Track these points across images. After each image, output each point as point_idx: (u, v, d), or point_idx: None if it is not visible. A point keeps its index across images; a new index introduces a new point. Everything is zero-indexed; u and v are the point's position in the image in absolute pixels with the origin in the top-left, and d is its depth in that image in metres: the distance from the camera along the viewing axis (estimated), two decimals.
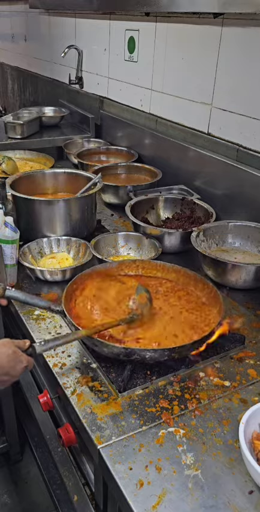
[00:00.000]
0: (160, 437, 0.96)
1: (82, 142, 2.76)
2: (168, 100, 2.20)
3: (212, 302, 1.29)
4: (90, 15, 2.77)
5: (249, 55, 1.68)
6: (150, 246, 1.65)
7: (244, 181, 1.74)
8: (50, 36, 3.46)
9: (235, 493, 0.85)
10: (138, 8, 2.06)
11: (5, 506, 2.09)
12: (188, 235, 1.60)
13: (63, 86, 3.31)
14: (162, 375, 1.12)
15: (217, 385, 1.11)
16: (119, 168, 2.31)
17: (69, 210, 1.69)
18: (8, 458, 2.24)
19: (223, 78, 1.83)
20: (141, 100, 2.42)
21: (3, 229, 1.44)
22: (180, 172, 2.12)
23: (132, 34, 2.38)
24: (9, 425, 2.12)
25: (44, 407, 1.34)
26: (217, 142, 1.91)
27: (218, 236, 1.67)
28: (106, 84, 2.75)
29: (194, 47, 1.96)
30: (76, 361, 1.17)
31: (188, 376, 1.13)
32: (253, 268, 1.44)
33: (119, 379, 1.09)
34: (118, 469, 0.89)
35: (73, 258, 1.61)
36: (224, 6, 1.57)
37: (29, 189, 1.80)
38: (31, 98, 4.11)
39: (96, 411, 1.02)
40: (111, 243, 1.68)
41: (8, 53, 4.52)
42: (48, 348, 1.08)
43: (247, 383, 1.12)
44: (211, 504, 0.83)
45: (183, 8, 1.80)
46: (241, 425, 0.89)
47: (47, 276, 1.48)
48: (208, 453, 0.93)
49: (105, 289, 1.36)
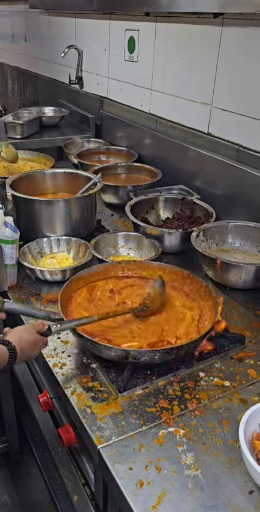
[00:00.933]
0: (160, 437, 0.96)
1: (82, 142, 2.76)
2: (168, 100, 2.20)
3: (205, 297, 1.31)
4: (90, 15, 2.77)
5: (249, 55, 1.68)
6: (150, 246, 1.65)
7: (244, 181, 1.74)
8: (50, 36, 3.46)
9: (235, 493, 0.85)
10: (138, 8, 2.06)
11: (5, 506, 2.09)
12: (188, 235, 1.60)
13: (63, 86, 3.31)
14: (162, 374, 1.12)
15: (217, 385, 1.11)
16: (119, 168, 2.31)
17: (69, 210, 1.69)
18: (8, 458, 2.24)
19: (223, 78, 1.83)
20: (141, 100, 2.42)
21: (3, 229, 1.44)
22: (180, 172, 2.12)
23: (132, 34, 2.38)
24: (9, 425, 2.12)
25: (44, 407, 1.34)
26: (217, 142, 1.91)
27: (218, 236, 1.67)
28: (106, 84, 2.75)
29: (194, 47, 1.96)
30: (76, 361, 1.17)
31: (188, 376, 1.13)
32: (253, 268, 1.44)
33: (119, 379, 1.09)
34: (118, 469, 0.89)
35: (74, 258, 1.61)
36: (224, 6, 1.57)
37: (29, 189, 1.79)
38: (31, 98, 4.11)
39: (96, 411, 1.02)
40: (111, 243, 1.68)
41: (8, 53, 4.52)
42: (63, 329, 1.13)
43: (247, 383, 1.12)
44: (211, 504, 0.83)
45: (183, 8, 1.79)
46: (241, 425, 0.89)
47: (46, 276, 1.48)
48: (208, 453, 0.93)
49: (98, 292, 1.37)
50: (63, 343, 1.24)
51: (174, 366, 1.14)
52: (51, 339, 1.24)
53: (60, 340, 1.24)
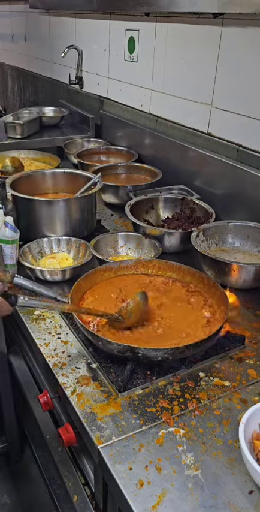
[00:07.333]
0: (160, 437, 0.96)
1: (82, 142, 2.76)
2: (168, 100, 2.20)
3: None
4: (90, 15, 2.77)
5: (249, 55, 1.68)
6: (150, 246, 1.65)
7: (244, 181, 1.74)
8: (50, 36, 3.46)
9: (235, 493, 0.85)
10: (138, 8, 2.06)
11: (5, 506, 2.09)
12: (188, 235, 1.60)
13: (63, 86, 3.31)
14: (162, 374, 1.12)
15: (217, 385, 1.11)
16: (119, 168, 2.31)
17: (69, 210, 1.69)
18: (8, 458, 2.24)
19: (223, 78, 1.83)
20: (141, 100, 2.42)
21: (3, 229, 1.44)
22: (179, 172, 2.12)
23: (132, 34, 2.38)
24: (9, 425, 2.11)
25: (44, 407, 1.34)
26: (217, 142, 1.91)
27: (218, 236, 1.67)
28: (106, 84, 2.75)
29: (194, 47, 1.96)
30: (76, 361, 1.17)
31: (188, 376, 1.13)
32: (253, 268, 1.44)
33: (119, 379, 1.09)
34: (118, 469, 0.89)
35: (74, 258, 1.61)
36: (224, 6, 1.58)
37: (29, 189, 1.80)
38: (31, 98, 4.11)
39: (96, 411, 1.02)
40: (110, 243, 1.68)
41: (8, 53, 4.52)
42: (30, 305, 1.11)
43: (247, 383, 1.12)
44: (211, 504, 0.83)
45: (183, 8, 1.80)
46: (241, 425, 0.89)
47: (46, 276, 1.48)
48: (208, 453, 0.93)
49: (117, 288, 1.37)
50: (63, 343, 1.24)
51: (174, 366, 1.14)
52: (51, 339, 1.25)
53: (60, 340, 1.24)
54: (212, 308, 1.29)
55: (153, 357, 1.08)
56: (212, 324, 1.23)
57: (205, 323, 1.24)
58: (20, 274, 1.50)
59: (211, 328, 1.20)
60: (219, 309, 1.27)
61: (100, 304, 1.30)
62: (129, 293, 1.34)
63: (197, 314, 1.28)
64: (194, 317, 1.26)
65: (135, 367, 1.12)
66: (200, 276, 1.38)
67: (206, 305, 1.31)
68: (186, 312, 1.29)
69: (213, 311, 1.28)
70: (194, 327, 1.22)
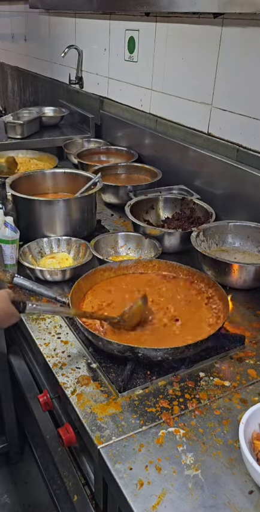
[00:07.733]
0: (160, 437, 0.96)
1: (82, 142, 2.76)
2: (168, 100, 2.20)
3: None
4: (90, 15, 2.77)
5: (249, 55, 1.68)
6: (150, 246, 1.65)
7: (244, 181, 1.74)
8: (50, 36, 3.46)
9: (235, 493, 0.85)
10: (138, 8, 2.06)
11: (5, 506, 2.09)
12: (188, 235, 1.60)
13: (63, 86, 3.31)
14: (162, 374, 1.12)
15: (217, 385, 1.11)
16: (119, 168, 2.31)
17: (69, 210, 1.69)
18: (8, 458, 2.24)
19: (223, 78, 1.83)
20: (141, 100, 2.42)
21: (3, 229, 1.44)
22: (179, 172, 2.12)
23: (132, 34, 2.38)
24: (9, 425, 2.11)
25: (44, 407, 1.34)
26: (217, 142, 1.91)
27: (218, 236, 1.67)
28: (106, 84, 2.75)
29: (194, 47, 1.96)
30: (76, 361, 1.17)
31: (188, 376, 1.13)
32: (253, 268, 1.44)
33: (119, 379, 1.09)
34: (118, 469, 0.89)
35: (74, 258, 1.61)
36: (224, 6, 1.58)
37: (29, 189, 1.80)
38: (31, 98, 4.11)
39: (96, 411, 1.02)
40: (110, 243, 1.68)
41: (8, 53, 4.52)
42: (38, 311, 1.13)
43: (247, 383, 1.12)
44: (211, 504, 0.83)
45: (183, 8, 1.80)
46: (241, 425, 0.89)
47: (46, 276, 1.48)
48: (208, 453, 0.93)
49: (116, 289, 1.38)
50: (63, 343, 1.24)
51: (174, 366, 1.14)
52: (51, 339, 1.25)
53: (60, 340, 1.24)
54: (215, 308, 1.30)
55: (153, 357, 1.09)
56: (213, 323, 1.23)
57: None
58: (20, 274, 1.51)
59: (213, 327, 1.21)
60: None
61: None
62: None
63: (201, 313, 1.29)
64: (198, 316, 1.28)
65: (135, 367, 1.12)
66: (201, 276, 1.38)
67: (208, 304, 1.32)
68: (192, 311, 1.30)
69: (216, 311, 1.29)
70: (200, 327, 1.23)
